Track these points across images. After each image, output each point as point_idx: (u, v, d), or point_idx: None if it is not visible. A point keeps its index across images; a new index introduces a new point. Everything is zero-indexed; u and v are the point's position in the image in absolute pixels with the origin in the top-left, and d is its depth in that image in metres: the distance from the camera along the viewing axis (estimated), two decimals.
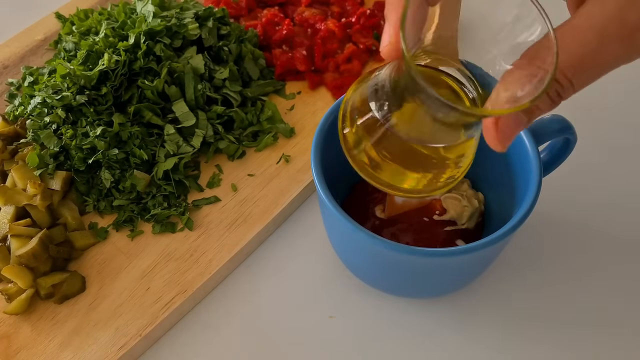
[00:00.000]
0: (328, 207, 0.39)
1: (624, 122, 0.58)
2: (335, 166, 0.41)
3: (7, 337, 0.45)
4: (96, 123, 0.51)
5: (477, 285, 0.48)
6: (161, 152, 0.52)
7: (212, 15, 0.59)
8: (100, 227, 0.51)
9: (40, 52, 0.63)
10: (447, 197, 0.46)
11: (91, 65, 0.52)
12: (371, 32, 0.63)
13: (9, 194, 0.49)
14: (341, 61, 0.61)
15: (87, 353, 0.44)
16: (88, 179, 0.51)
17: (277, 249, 0.51)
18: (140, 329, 0.45)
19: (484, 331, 0.46)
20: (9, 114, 0.56)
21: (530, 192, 0.39)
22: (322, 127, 0.43)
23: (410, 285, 0.44)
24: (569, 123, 0.43)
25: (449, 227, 0.46)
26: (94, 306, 0.46)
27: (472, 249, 0.37)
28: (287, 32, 0.61)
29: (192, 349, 0.46)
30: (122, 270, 0.48)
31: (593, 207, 0.52)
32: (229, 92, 0.56)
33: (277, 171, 0.54)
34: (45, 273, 0.47)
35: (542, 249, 0.50)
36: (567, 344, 0.45)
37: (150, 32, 0.53)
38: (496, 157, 0.45)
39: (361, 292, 0.48)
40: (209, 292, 0.49)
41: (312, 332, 0.46)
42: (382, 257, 0.40)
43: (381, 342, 0.46)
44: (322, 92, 0.60)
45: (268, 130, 0.56)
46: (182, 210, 0.51)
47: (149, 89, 0.52)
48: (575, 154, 0.45)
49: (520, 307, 0.47)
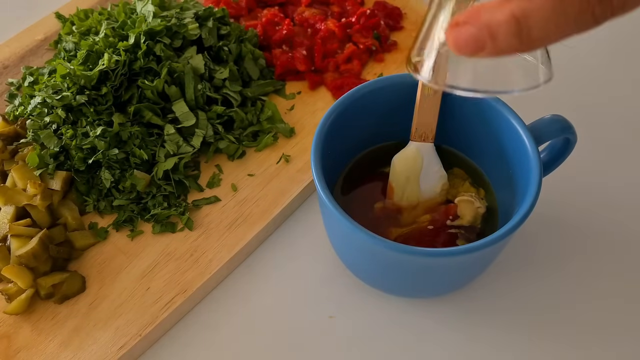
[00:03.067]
0: (328, 207, 0.39)
1: (624, 122, 0.58)
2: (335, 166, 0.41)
3: (7, 337, 0.45)
4: (96, 123, 0.51)
5: (477, 285, 0.48)
6: (161, 152, 0.52)
7: (212, 15, 0.59)
8: (100, 227, 0.51)
9: (40, 52, 0.63)
10: (461, 200, 0.46)
11: (91, 65, 0.52)
12: (371, 32, 0.63)
13: (9, 194, 0.49)
14: (341, 61, 0.61)
15: (87, 353, 0.44)
16: (88, 179, 0.51)
17: (277, 249, 0.51)
18: (140, 329, 0.45)
19: (484, 331, 0.46)
20: (9, 114, 0.56)
21: (530, 192, 0.39)
22: (322, 127, 0.43)
23: (410, 285, 0.44)
24: (569, 123, 0.43)
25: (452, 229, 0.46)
26: (94, 306, 0.46)
27: (472, 249, 0.37)
28: (287, 32, 0.61)
29: (192, 349, 0.46)
30: (122, 270, 0.48)
31: (593, 207, 0.52)
32: (229, 92, 0.56)
33: (277, 171, 0.54)
34: (45, 273, 0.47)
35: (542, 249, 0.50)
36: (568, 344, 0.45)
37: (150, 32, 0.53)
38: (496, 157, 0.45)
39: (361, 292, 0.48)
40: (209, 292, 0.49)
41: (312, 332, 0.46)
42: (382, 257, 0.40)
43: (381, 342, 0.46)
44: (322, 92, 0.60)
45: (268, 130, 0.56)
46: (182, 210, 0.51)
47: (149, 89, 0.52)
48: (575, 154, 0.45)
49: (521, 306, 0.47)
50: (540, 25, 0.22)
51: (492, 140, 0.45)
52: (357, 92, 0.45)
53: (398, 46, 0.64)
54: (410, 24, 0.66)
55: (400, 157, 0.46)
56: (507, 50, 0.23)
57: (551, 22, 0.22)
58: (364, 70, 0.62)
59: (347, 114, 0.44)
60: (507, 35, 0.22)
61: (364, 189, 0.48)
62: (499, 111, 0.43)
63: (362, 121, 0.46)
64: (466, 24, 0.23)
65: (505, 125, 0.43)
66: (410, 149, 0.46)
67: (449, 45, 0.24)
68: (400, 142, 0.47)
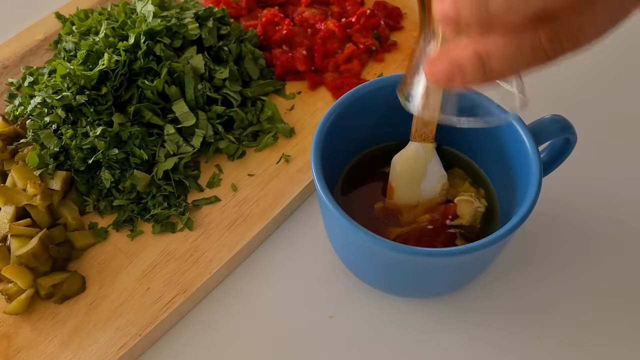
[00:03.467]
0: (328, 207, 0.39)
1: (624, 122, 0.58)
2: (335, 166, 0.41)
3: (7, 337, 0.45)
4: (96, 123, 0.51)
5: (477, 285, 0.48)
6: (161, 152, 0.52)
7: (212, 15, 0.59)
8: (100, 227, 0.51)
9: (40, 52, 0.63)
10: (460, 200, 0.46)
11: (91, 65, 0.52)
12: (371, 32, 0.63)
13: (9, 194, 0.49)
14: (341, 61, 0.61)
15: (87, 353, 0.44)
16: (88, 179, 0.51)
17: (277, 249, 0.51)
18: (140, 329, 0.45)
19: (484, 331, 0.46)
20: (9, 114, 0.56)
21: (530, 192, 0.39)
22: (322, 127, 0.43)
23: (410, 285, 0.44)
24: (569, 123, 0.43)
25: (452, 229, 0.46)
26: (94, 306, 0.46)
27: (472, 249, 0.37)
28: (287, 32, 0.61)
29: (192, 349, 0.46)
30: (122, 270, 0.48)
31: (593, 207, 0.52)
32: (229, 92, 0.56)
33: (277, 171, 0.54)
34: (45, 273, 0.47)
35: (542, 249, 0.50)
36: (568, 343, 0.45)
37: (150, 32, 0.53)
38: (496, 157, 0.45)
39: (361, 292, 0.48)
40: (209, 292, 0.49)
41: (312, 332, 0.46)
42: (382, 257, 0.40)
43: (381, 342, 0.46)
44: (322, 92, 0.60)
45: (268, 130, 0.56)
46: (182, 210, 0.51)
47: (149, 89, 0.52)
48: (575, 154, 0.45)
49: (521, 306, 0.47)
50: (500, 62, 0.26)
51: (492, 140, 0.45)
52: (357, 92, 0.45)
53: (398, 46, 0.64)
54: (410, 24, 0.66)
55: (400, 157, 0.46)
56: (474, 82, 0.27)
57: (509, 59, 0.26)
58: (364, 70, 0.62)
59: (347, 114, 0.44)
60: (472, 69, 0.26)
61: (364, 189, 0.48)
62: None
63: (362, 121, 0.46)
64: (439, 60, 0.27)
65: (505, 125, 0.43)
66: (410, 149, 0.46)
67: (427, 78, 0.29)
68: (400, 142, 0.47)
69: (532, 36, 0.25)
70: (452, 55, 0.27)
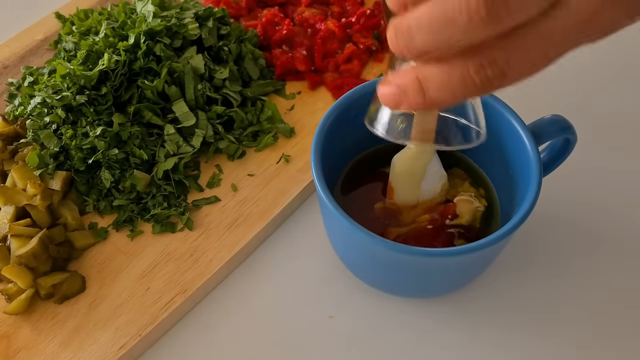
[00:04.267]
0: (328, 207, 0.39)
1: (624, 122, 0.58)
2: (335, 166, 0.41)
3: (7, 337, 0.45)
4: (96, 123, 0.51)
5: (477, 285, 0.48)
6: (161, 152, 0.52)
7: (212, 15, 0.59)
8: (100, 227, 0.51)
9: (40, 52, 0.63)
10: (460, 199, 0.46)
11: (91, 65, 0.52)
12: (371, 32, 0.63)
13: (9, 194, 0.49)
14: (341, 61, 0.61)
15: (87, 353, 0.44)
16: (88, 179, 0.51)
17: (277, 249, 0.51)
18: (140, 329, 0.45)
19: (484, 331, 0.46)
20: (9, 114, 0.56)
21: (530, 192, 0.39)
22: (322, 127, 0.43)
23: (410, 285, 0.44)
24: (569, 123, 0.43)
25: (452, 229, 0.46)
26: (94, 306, 0.46)
27: (472, 249, 0.37)
28: (287, 32, 0.61)
29: (192, 349, 0.46)
30: (122, 270, 0.48)
31: (593, 207, 0.52)
32: (229, 92, 0.56)
33: (277, 171, 0.54)
34: (45, 273, 0.47)
35: (542, 249, 0.50)
36: (568, 343, 0.45)
37: (150, 32, 0.53)
38: (496, 157, 0.45)
39: (361, 292, 0.48)
40: (209, 292, 0.49)
41: (312, 332, 0.46)
42: (382, 257, 0.40)
43: (381, 342, 0.46)
44: (322, 92, 0.60)
45: (268, 130, 0.56)
46: (182, 210, 0.51)
47: (149, 89, 0.52)
48: (575, 154, 0.45)
49: (521, 306, 0.47)
50: (437, 89, 0.27)
51: (492, 140, 0.45)
52: (357, 92, 0.45)
53: None
54: None
55: (400, 157, 0.46)
56: (417, 105, 0.28)
57: (444, 86, 0.26)
58: (364, 70, 0.62)
59: (347, 114, 0.44)
60: (413, 93, 0.27)
61: (364, 189, 0.48)
62: (499, 111, 0.43)
63: (362, 121, 0.46)
64: (388, 83, 0.28)
65: (505, 125, 0.43)
66: (410, 149, 0.46)
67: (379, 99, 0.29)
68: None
69: (462, 66, 0.25)
70: (399, 79, 0.28)
